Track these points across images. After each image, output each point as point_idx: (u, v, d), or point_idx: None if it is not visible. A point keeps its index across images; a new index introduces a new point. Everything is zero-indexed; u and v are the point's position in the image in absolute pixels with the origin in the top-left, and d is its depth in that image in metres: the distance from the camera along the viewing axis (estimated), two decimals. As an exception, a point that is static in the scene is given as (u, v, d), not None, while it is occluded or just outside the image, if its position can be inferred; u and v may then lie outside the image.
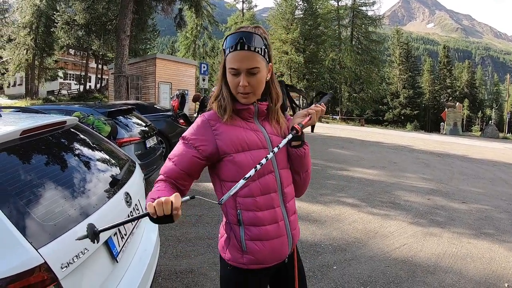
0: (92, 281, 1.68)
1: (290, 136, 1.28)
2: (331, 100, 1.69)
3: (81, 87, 35.07)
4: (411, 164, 9.71)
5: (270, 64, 1.32)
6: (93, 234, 0.98)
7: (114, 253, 1.92)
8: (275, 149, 1.21)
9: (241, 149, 1.27)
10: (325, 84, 39.51)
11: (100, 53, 26.93)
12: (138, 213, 2.48)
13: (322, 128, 20.79)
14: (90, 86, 38.00)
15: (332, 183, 6.77)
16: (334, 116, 35.22)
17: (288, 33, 37.23)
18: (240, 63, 1.21)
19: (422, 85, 54.09)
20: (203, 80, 17.21)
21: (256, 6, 46.07)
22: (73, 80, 41.71)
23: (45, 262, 1.33)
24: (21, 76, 34.31)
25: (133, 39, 19.00)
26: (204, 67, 17.61)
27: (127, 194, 2.23)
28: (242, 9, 45.08)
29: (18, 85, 36.86)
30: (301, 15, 38.80)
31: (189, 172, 1.29)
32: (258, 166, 1.15)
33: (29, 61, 29.34)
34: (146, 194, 2.89)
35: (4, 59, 30.55)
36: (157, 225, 2.75)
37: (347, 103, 38.74)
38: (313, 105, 1.40)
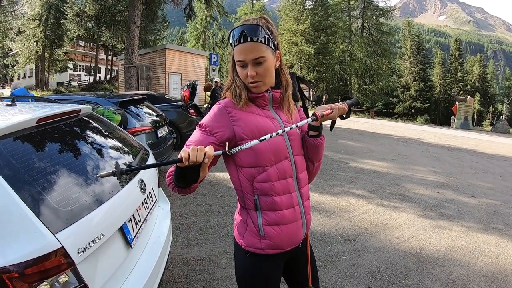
0: (108, 265, 1.72)
1: (310, 120, 1.33)
2: (355, 104, 1.68)
3: (91, 78, 35.25)
4: (421, 157, 9.65)
5: (278, 51, 1.35)
6: (119, 172, 1.00)
7: (129, 239, 1.96)
8: (293, 126, 1.26)
9: (258, 135, 1.27)
10: (335, 76, 39.10)
11: (110, 44, 26.93)
12: (152, 201, 2.53)
13: (331, 121, 20.58)
14: (100, 77, 38.13)
15: (342, 175, 6.77)
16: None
17: (298, 24, 36.88)
18: (245, 55, 1.25)
19: (433, 78, 53.31)
20: (213, 70, 17.05)
21: (265, -4, 45.63)
22: (83, 71, 41.95)
23: (62, 247, 1.36)
24: (31, 68, 34.50)
25: (143, 30, 19.05)
26: (214, 57, 17.44)
27: (141, 181, 2.27)
28: (252, 0, 44.71)
29: (29, 77, 37.22)
30: (311, 6, 38.27)
31: None
32: (274, 134, 1.19)
33: (39, 53, 29.49)
34: (159, 183, 2.95)
35: (14, 52, 30.84)
36: (169, 212, 2.80)
37: (357, 95, 38.34)
38: (339, 103, 1.45)
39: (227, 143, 1.31)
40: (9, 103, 2.34)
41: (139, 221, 2.17)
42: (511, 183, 7.38)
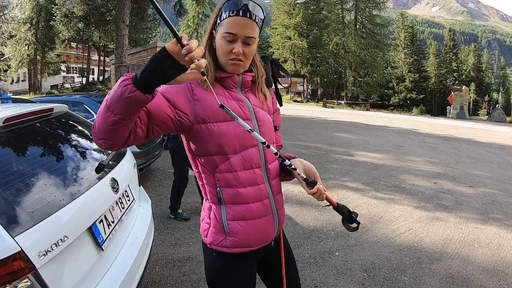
0: (75, 269, 1.61)
1: (286, 162, 1.18)
2: (344, 217, 1.24)
3: (84, 80, 35.00)
4: (417, 147, 9.55)
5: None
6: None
7: (100, 241, 1.83)
8: (262, 140, 1.09)
9: (223, 119, 1.15)
10: (330, 69, 38.84)
11: (101, 44, 26.71)
12: (129, 200, 2.38)
13: (326, 113, 20.61)
14: (93, 78, 37.85)
15: (336, 168, 6.65)
16: (339, 101, 34.69)
17: (290, 18, 36.63)
18: (240, 29, 1.13)
19: (428, 69, 53.11)
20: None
21: (258, -8, 45.16)
22: (76, 73, 41.63)
23: (22, 250, 1.29)
24: (24, 72, 34.24)
25: (133, 29, 18.85)
26: None
27: (113, 180, 2.13)
28: (244, -4, 44.36)
29: (22, 81, 36.92)
30: (304, 0, 38.15)
31: (153, 113, 1.05)
32: (245, 125, 1.03)
33: (31, 56, 29.23)
34: (140, 182, 2.80)
35: (6, 56, 30.56)
36: (149, 212, 2.66)
37: (352, 88, 38.18)
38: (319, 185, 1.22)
39: (181, 123, 1.12)
40: None
41: (112, 222, 2.04)
42: (509, 172, 7.29)
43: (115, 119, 0.91)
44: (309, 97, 34.29)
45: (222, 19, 1.15)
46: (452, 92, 30.39)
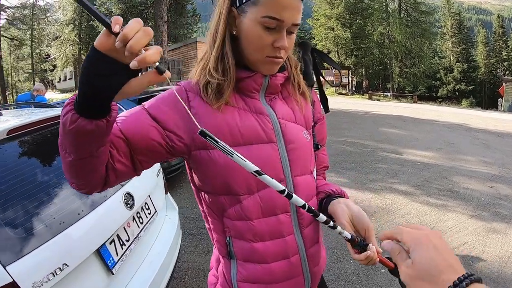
0: None
1: (330, 224, 0.75)
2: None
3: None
4: (469, 145, 8.75)
5: None
6: None
7: (110, 264, 1.65)
8: (302, 202, 0.68)
9: (231, 142, 0.81)
10: (375, 60, 37.02)
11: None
12: (149, 214, 2.17)
13: (372, 106, 19.58)
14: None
15: (383, 167, 6.14)
16: (386, 93, 33.05)
17: (332, 8, 35.15)
18: (289, 13, 0.76)
19: (477, 58, 49.52)
20: None
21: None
22: (122, 70, 43.16)
23: (13, 282, 1.19)
24: (70, 71, 35.87)
25: (172, 25, 18.99)
26: None
27: (128, 195, 1.91)
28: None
29: (69, 79, 38.49)
30: None
31: (134, 140, 0.76)
32: (268, 178, 0.64)
33: (76, 55, 30.34)
34: (166, 190, 2.59)
35: (52, 56, 32.15)
36: (176, 221, 2.43)
37: (398, 79, 36.27)
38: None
39: (173, 149, 0.81)
40: None
41: (127, 241, 1.84)
42: None
43: (70, 159, 0.67)
44: (354, 89, 33.16)
45: None
46: (504, 83, 28.12)
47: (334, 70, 1.25)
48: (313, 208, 0.70)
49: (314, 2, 38.59)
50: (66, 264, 1.36)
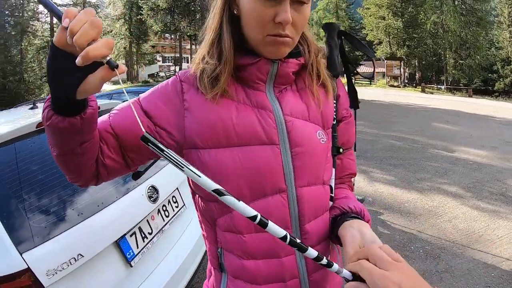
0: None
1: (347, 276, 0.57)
2: None
3: (177, 68, 37.18)
4: (530, 144, 7.98)
5: None
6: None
7: (128, 257, 1.65)
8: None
9: (225, 142, 0.70)
10: (428, 51, 35.11)
11: (188, 33, 28.14)
12: (177, 207, 2.14)
13: (425, 100, 18.55)
14: (188, 66, 40.22)
15: (433, 166, 5.74)
16: (439, 86, 31.39)
17: None
18: None
19: (537, 49, 45.39)
20: None
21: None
22: (171, 62, 44.16)
23: (28, 268, 1.23)
24: (122, 63, 37.71)
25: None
26: None
27: (152, 188, 1.89)
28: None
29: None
30: None
31: (122, 136, 0.71)
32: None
33: (127, 49, 31.76)
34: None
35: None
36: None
37: (453, 72, 34.00)
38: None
39: (162, 143, 0.70)
40: (32, 106, 2.30)
41: (150, 233, 1.83)
42: None
43: (55, 154, 0.65)
44: (406, 81, 31.74)
45: None
46: None
47: (372, 58, 1.03)
48: (297, 241, 0.55)
49: (364, -10, 37.10)
50: (81, 255, 1.38)
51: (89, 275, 1.44)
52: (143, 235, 1.77)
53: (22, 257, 1.24)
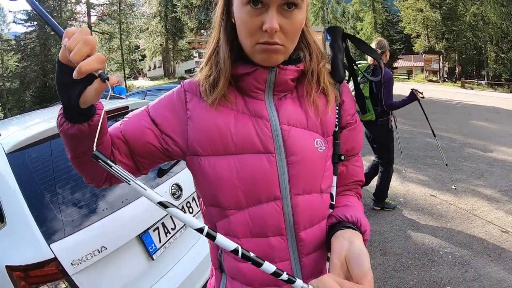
0: (117, 278, 1.56)
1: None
2: None
3: (212, 64, 37.87)
4: None
5: None
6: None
7: (150, 250, 1.73)
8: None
9: (223, 150, 0.73)
10: (468, 44, 33.30)
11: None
12: (198, 210, 2.18)
13: (464, 95, 17.74)
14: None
15: (469, 166, 5.49)
16: (480, 81, 29.54)
17: None
18: None
19: None
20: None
21: (383, -38, 41.23)
22: (207, 58, 45.12)
23: (55, 257, 1.35)
24: (159, 60, 38.55)
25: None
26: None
27: (176, 185, 1.97)
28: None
29: (158, 67, 41.52)
30: None
31: (132, 142, 0.76)
32: None
33: (163, 45, 32.48)
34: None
35: (141, 48, 34.95)
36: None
37: (494, 66, 32.08)
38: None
39: (168, 152, 0.78)
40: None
41: (173, 229, 1.91)
42: None
43: (69, 156, 0.71)
44: (445, 76, 30.38)
45: None
46: None
47: (379, 60, 1.01)
48: (251, 255, 0.58)
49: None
50: (105, 247, 1.48)
51: (112, 266, 1.53)
52: (166, 230, 1.85)
53: (50, 248, 1.35)
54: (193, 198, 2.14)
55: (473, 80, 29.81)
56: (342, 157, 0.81)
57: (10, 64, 32.10)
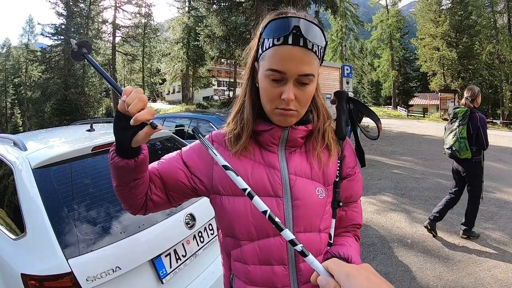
0: None
1: None
2: None
3: (231, 93, 38.09)
4: None
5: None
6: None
7: (161, 274, 1.83)
8: None
9: (240, 191, 0.84)
10: (484, 83, 32.85)
11: (242, 61, 28.46)
12: (212, 234, 2.29)
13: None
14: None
15: (480, 208, 5.43)
16: (495, 121, 29.35)
17: (437, 27, 32.74)
18: (290, 65, 0.78)
19: None
20: (347, 83, 16.13)
21: (400, 0, 42.01)
22: (226, 86, 45.65)
23: (71, 272, 1.45)
24: (178, 85, 39.54)
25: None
26: (347, 69, 16.43)
27: (190, 215, 2.08)
28: (386, 5, 41.62)
29: (177, 92, 42.54)
30: (449, 5, 33.37)
31: (166, 179, 0.95)
32: (269, 212, 0.74)
33: (184, 71, 33.50)
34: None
35: (162, 72, 36.07)
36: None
37: (509, 105, 31.54)
38: None
39: (196, 190, 0.96)
40: (89, 128, 2.56)
41: (183, 256, 2.01)
42: None
43: (114, 185, 0.89)
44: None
45: (264, 49, 0.82)
46: None
47: (377, 123, 1.07)
48: (276, 220, 0.73)
49: (417, 20, 36.26)
50: (119, 267, 1.59)
51: (123, 286, 1.63)
52: (177, 257, 1.94)
53: (68, 262, 1.46)
54: (205, 228, 2.23)
55: (488, 119, 29.41)
56: (341, 204, 0.95)
57: (34, 74, 33.31)
